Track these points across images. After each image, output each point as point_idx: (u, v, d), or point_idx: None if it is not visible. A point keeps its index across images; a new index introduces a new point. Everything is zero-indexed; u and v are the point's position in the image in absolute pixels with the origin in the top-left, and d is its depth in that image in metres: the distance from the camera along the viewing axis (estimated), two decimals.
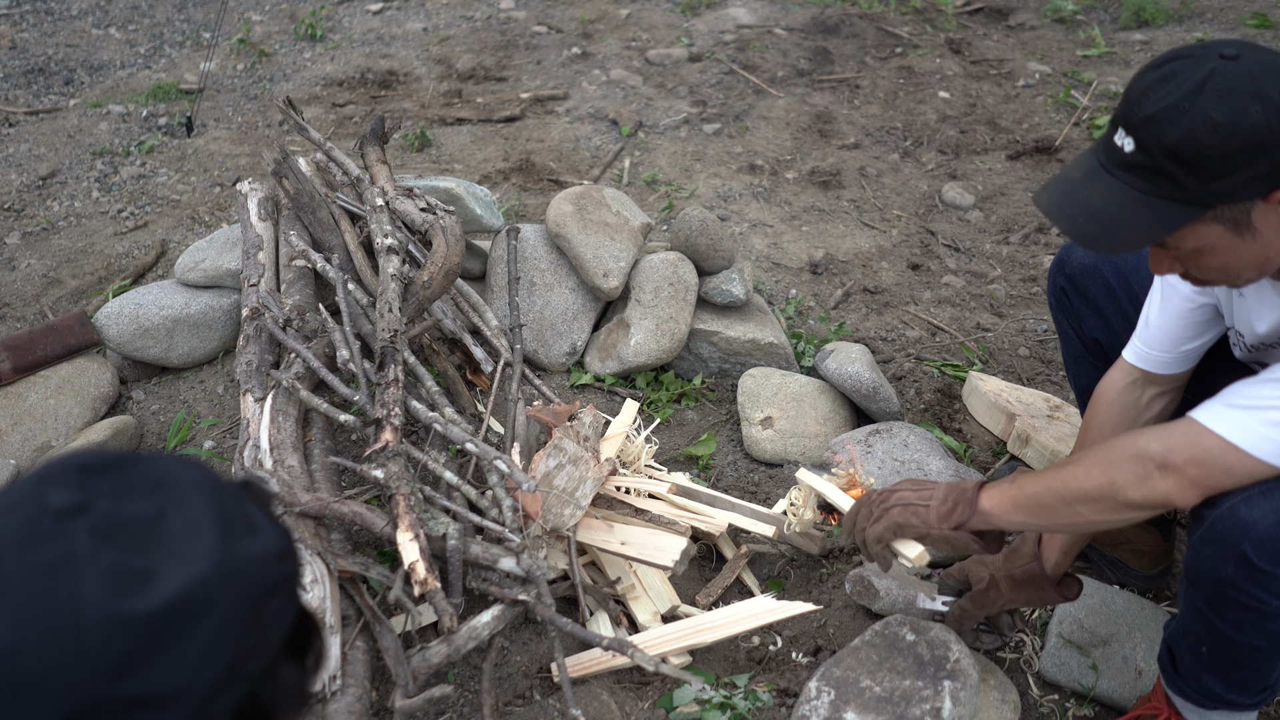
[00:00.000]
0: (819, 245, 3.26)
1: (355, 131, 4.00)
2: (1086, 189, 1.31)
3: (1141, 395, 1.69)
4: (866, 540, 1.64)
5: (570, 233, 2.58)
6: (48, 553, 0.66)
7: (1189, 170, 1.21)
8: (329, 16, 5.28)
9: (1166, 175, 1.23)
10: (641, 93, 4.33)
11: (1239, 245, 1.28)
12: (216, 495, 0.73)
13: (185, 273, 2.61)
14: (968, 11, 5.13)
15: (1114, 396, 1.70)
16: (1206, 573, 1.38)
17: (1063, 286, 1.88)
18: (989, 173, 3.72)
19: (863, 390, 2.41)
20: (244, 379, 2.18)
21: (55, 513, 0.68)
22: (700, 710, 1.72)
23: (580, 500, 1.92)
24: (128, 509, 0.69)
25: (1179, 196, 1.23)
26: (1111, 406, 1.70)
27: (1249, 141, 1.18)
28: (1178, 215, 1.25)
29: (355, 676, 1.59)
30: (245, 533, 0.73)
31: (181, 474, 0.74)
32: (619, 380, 2.56)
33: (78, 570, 0.66)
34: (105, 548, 0.67)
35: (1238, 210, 1.24)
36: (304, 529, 1.72)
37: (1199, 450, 1.33)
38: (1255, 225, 1.25)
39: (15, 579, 0.65)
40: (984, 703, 1.71)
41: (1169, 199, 1.24)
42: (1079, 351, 1.93)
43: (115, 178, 3.67)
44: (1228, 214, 1.24)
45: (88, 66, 4.73)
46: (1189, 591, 1.46)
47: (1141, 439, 1.38)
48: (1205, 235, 1.27)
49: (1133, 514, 1.41)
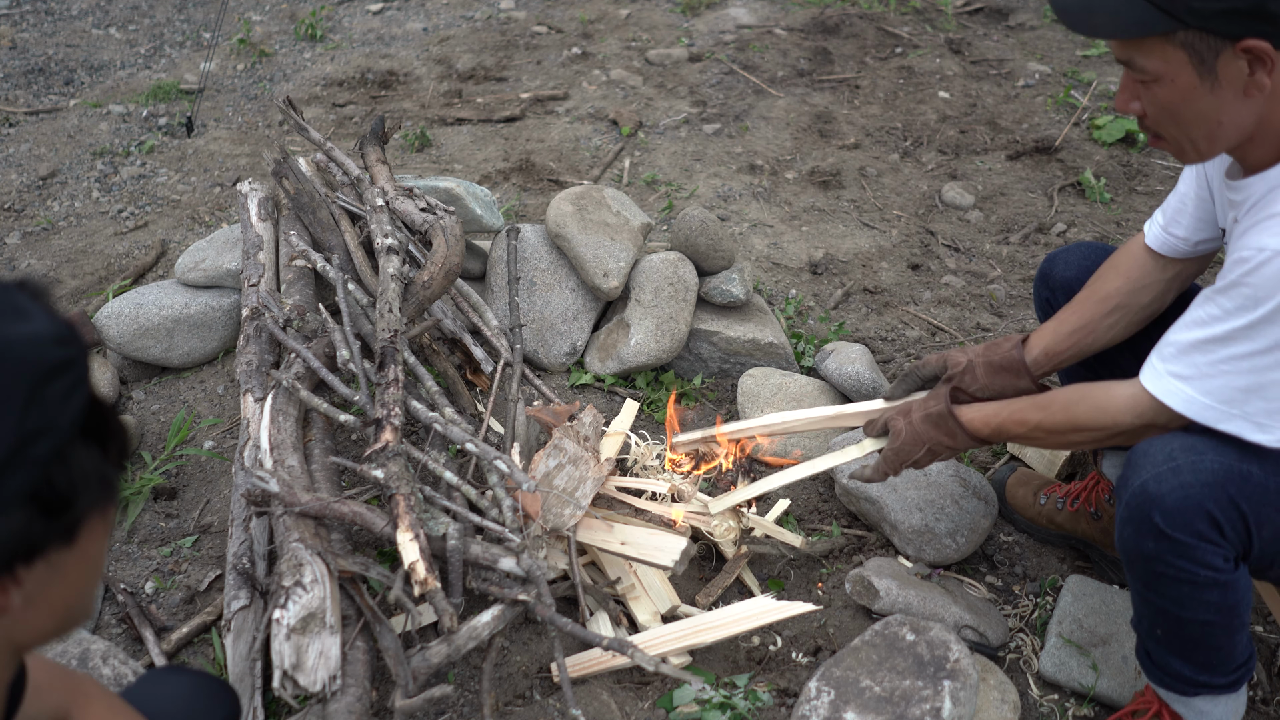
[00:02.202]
0: (819, 245, 3.26)
1: (355, 131, 4.00)
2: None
3: (1156, 263, 1.75)
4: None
5: (570, 233, 2.58)
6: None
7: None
8: (329, 16, 5.28)
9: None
10: (641, 93, 4.33)
11: (1196, 89, 1.33)
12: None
13: (185, 273, 2.61)
14: (968, 11, 5.13)
15: (1135, 250, 1.77)
16: (1131, 551, 1.45)
17: (1047, 299, 1.96)
18: (989, 173, 3.72)
19: (863, 390, 2.41)
20: (244, 379, 2.18)
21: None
22: (700, 710, 1.73)
23: (580, 500, 1.92)
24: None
25: (1161, 3, 1.29)
26: (1133, 256, 1.77)
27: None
28: (1152, 20, 1.30)
29: (355, 676, 1.59)
30: (11, 318, 0.74)
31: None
32: (619, 380, 2.56)
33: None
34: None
35: (1206, 44, 1.29)
36: (304, 529, 1.72)
37: (1156, 418, 1.46)
38: (1218, 72, 1.31)
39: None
40: (984, 703, 1.72)
41: (1151, 2, 1.29)
42: None
43: (115, 178, 3.67)
44: (1197, 43, 1.30)
45: (88, 66, 4.73)
46: (1129, 576, 1.53)
47: (1119, 415, 1.51)
48: (1170, 59, 1.32)
49: None
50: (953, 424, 1.72)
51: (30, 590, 0.77)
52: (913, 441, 1.77)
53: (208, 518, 2.17)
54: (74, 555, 0.79)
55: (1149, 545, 1.42)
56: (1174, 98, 1.36)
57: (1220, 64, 1.30)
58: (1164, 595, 1.47)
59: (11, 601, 0.75)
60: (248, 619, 1.76)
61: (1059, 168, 3.73)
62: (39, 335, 0.74)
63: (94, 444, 0.78)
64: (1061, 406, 1.59)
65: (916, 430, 1.77)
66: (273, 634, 1.56)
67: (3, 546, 0.72)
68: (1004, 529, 2.18)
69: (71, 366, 0.76)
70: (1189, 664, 1.54)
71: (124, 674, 1.68)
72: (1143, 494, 1.41)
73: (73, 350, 0.76)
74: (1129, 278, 1.76)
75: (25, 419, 0.71)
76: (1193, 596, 1.44)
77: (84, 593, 0.84)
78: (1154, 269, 1.75)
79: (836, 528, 2.18)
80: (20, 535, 0.73)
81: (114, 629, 1.92)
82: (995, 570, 2.10)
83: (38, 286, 0.79)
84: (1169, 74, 1.34)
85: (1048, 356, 1.79)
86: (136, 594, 1.99)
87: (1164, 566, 1.42)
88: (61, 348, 0.75)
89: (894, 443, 1.80)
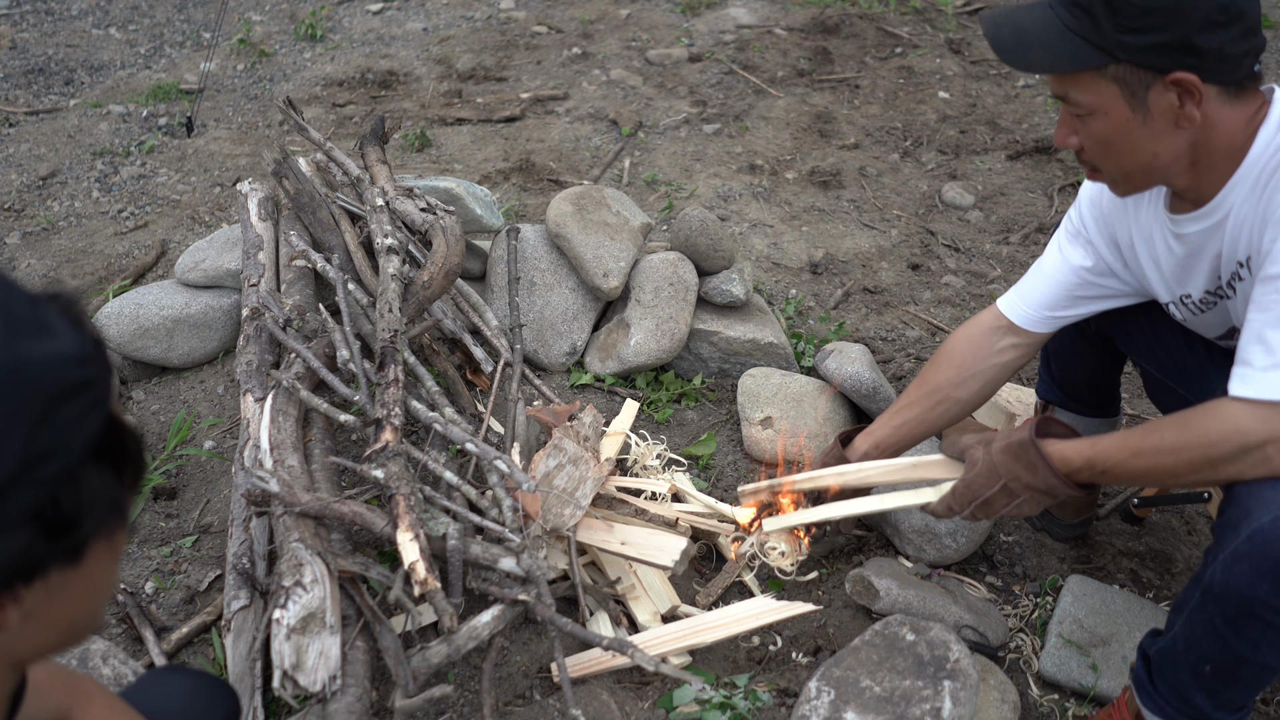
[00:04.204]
0: (819, 245, 3.26)
1: (355, 131, 4.00)
2: (1025, 13, 1.44)
3: (999, 342, 1.80)
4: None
5: (570, 233, 2.58)
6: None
7: (1111, 12, 1.32)
8: (329, 16, 5.28)
9: (1090, 14, 1.34)
10: (641, 93, 4.33)
11: (1130, 122, 1.38)
12: (3, 298, 0.72)
13: (185, 273, 2.61)
14: (968, 11, 5.13)
15: (974, 333, 1.83)
16: (1235, 588, 1.33)
17: None
18: (989, 173, 3.72)
19: (863, 390, 2.40)
20: (244, 379, 2.18)
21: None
22: (700, 710, 1.72)
23: (580, 500, 1.92)
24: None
25: (1092, 38, 1.35)
26: (970, 340, 1.83)
27: (1172, 5, 1.29)
28: (1084, 55, 1.36)
29: (355, 676, 1.59)
30: (34, 333, 0.72)
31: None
32: (619, 380, 2.56)
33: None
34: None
35: (1137, 77, 1.35)
36: (304, 529, 1.72)
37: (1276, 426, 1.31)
38: (1149, 105, 1.36)
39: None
40: (984, 702, 1.71)
41: (1083, 37, 1.36)
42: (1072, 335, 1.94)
43: (115, 178, 3.67)
44: (1128, 77, 1.35)
45: (88, 67, 4.73)
46: (1206, 607, 1.39)
47: (1238, 421, 1.34)
48: (1103, 93, 1.38)
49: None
50: (1034, 454, 1.51)
51: (30, 608, 0.75)
52: (987, 474, 1.58)
53: (208, 518, 2.17)
54: (79, 576, 0.77)
55: (1263, 589, 1.30)
56: (1109, 131, 1.41)
57: (1151, 97, 1.35)
58: (1246, 638, 1.37)
59: (9, 619, 0.74)
60: (248, 619, 1.76)
61: (1059, 167, 3.73)
62: (60, 354, 0.72)
63: (108, 466, 0.77)
64: (1172, 425, 1.41)
65: (993, 461, 1.57)
66: (273, 634, 1.55)
67: (3, 565, 0.71)
68: (1004, 529, 2.18)
69: (90, 387, 0.74)
70: (1212, 699, 1.47)
71: (124, 674, 1.68)
72: (1275, 531, 1.29)
73: (93, 371, 0.74)
74: (960, 368, 1.82)
75: (34, 439, 0.69)
76: (1275, 643, 1.36)
77: (88, 611, 0.83)
78: (988, 352, 1.80)
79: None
80: (22, 555, 0.71)
81: (114, 629, 1.91)
82: (995, 570, 2.10)
83: (68, 300, 0.77)
84: (1102, 108, 1.39)
85: (876, 448, 1.89)
86: (136, 594, 1.99)
87: (1266, 611, 1.32)
88: (82, 368, 0.73)
89: (967, 474, 1.62)
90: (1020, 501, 1.57)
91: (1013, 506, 1.58)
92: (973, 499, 1.61)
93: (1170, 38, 1.30)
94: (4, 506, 0.69)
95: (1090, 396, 2.04)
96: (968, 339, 1.83)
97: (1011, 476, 1.55)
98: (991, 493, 1.58)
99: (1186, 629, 1.45)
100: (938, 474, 1.73)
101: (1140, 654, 1.58)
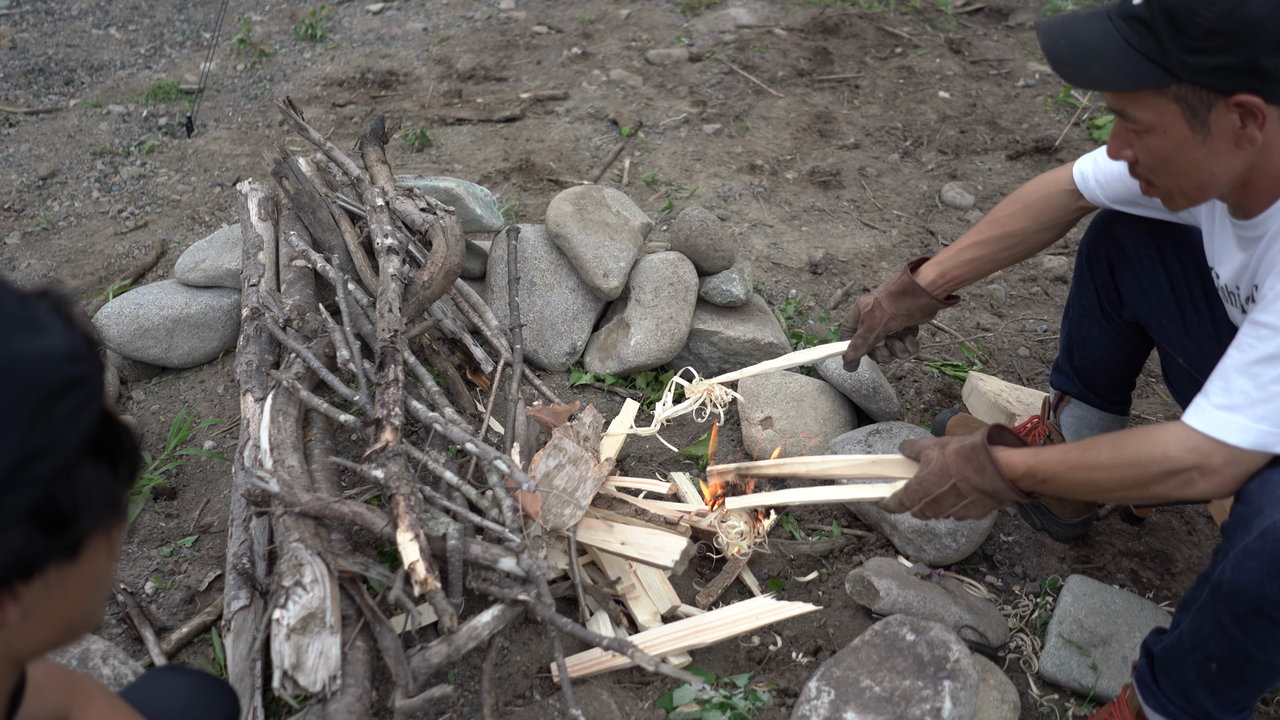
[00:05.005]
0: (819, 245, 3.26)
1: (355, 131, 4.00)
2: (1083, 24, 1.39)
3: (1072, 204, 1.84)
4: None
5: (570, 233, 2.58)
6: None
7: (1176, 31, 1.28)
8: (329, 16, 5.28)
9: (1154, 32, 1.30)
10: (641, 93, 4.33)
11: (1189, 141, 1.35)
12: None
13: (185, 273, 2.61)
14: (968, 11, 5.13)
15: (1051, 191, 1.85)
16: (1245, 586, 1.33)
17: (1111, 260, 1.92)
18: (989, 173, 3.72)
19: (862, 390, 2.41)
20: (244, 379, 2.18)
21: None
22: (700, 710, 1.72)
23: (580, 500, 1.92)
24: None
25: (1155, 57, 1.31)
26: (1048, 199, 1.85)
27: (1239, 27, 1.25)
28: (1146, 74, 1.32)
29: (355, 676, 1.59)
30: (25, 331, 0.72)
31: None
32: (619, 380, 2.56)
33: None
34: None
35: (1199, 98, 1.31)
36: (304, 529, 1.72)
37: (1209, 457, 1.37)
38: (1210, 125, 1.33)
39: None
40: (984, 703, 1.71)
41: (1146, 55, 1.32)
42: (1092, 306, 1.97)
43: (115, 178, 3.67)
44: (1189, 97, 1.32)
45: (88, 66, 4.73)
46: (1214, 605, 1.39)
47: (1168, 449, 1.40)
48: (1163, 112, 1.35)
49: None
50: (984, 458, 1.58)
51: (29, 605, 0.76)
52: (939, 473, 1.64)
53: (208, 518, 2.17)
54: (77, 572, 0.78)
55: (1273, 587, 1.30)
56: (1166, 148, 1.38)
57: (1213, 117, 1.33)
58: (1254, 637, 1.36)
59: (9, 616, 0.74)
60: (248, 619, 1.76)
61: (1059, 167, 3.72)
62: (52, 351, 0.73)
63: (103, 462, 0.77)
64: (1108, 442, 1.48)
65: (946, 462, 1.63)
66: (273, 634, 1.56)
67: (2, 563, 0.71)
68: (1004, 528, 2.18)
69: (83, 384, 0.74)
70: (1216, 698, 1.46)
71: (124, 674, 1.68)
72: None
73: (86, 367, 0.75)
74: (1037, 220, 1.86)
75: (29, 437, 0.70)
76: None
77: (87, 608, 0.83)
78: (1063, 211, 1.84)
79: (836, 527, 2.18)
80: (19, 552, 0.72)
81: (114, 629, 1.92)
82: (995, 570, 2.10)
83: (59, 297, 0.77)
84: (1162, 125, 1.36)
85: (943, 277, 1.94)
86: (136, 594, 1.99)
87: (1275, 609, 1.31)
88: (74, 364, 0.74)
89: (921, 471, 1.68)
90: (968, 503, 1.63)
91: (960, 507, 1.64)
92: (923, 496, 1.66)
93: (1237, 60, 1.27)
94: (1, 505, 0.69)
95: (1108, 389, 2.05)
96: (1045, 196, 1.86)
97: (961, 477, 1.61)
98: (941, 491, 1.64)
99: (1193, 627, 1.45)
100: (896, 472, 1.80)
101: (1144, 652, 1.58)
